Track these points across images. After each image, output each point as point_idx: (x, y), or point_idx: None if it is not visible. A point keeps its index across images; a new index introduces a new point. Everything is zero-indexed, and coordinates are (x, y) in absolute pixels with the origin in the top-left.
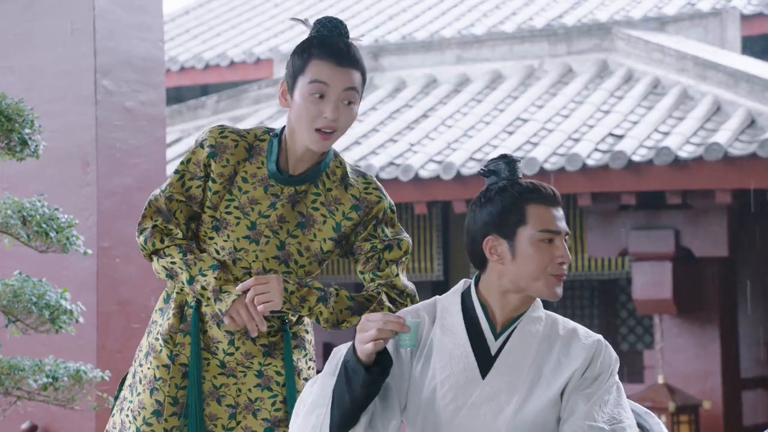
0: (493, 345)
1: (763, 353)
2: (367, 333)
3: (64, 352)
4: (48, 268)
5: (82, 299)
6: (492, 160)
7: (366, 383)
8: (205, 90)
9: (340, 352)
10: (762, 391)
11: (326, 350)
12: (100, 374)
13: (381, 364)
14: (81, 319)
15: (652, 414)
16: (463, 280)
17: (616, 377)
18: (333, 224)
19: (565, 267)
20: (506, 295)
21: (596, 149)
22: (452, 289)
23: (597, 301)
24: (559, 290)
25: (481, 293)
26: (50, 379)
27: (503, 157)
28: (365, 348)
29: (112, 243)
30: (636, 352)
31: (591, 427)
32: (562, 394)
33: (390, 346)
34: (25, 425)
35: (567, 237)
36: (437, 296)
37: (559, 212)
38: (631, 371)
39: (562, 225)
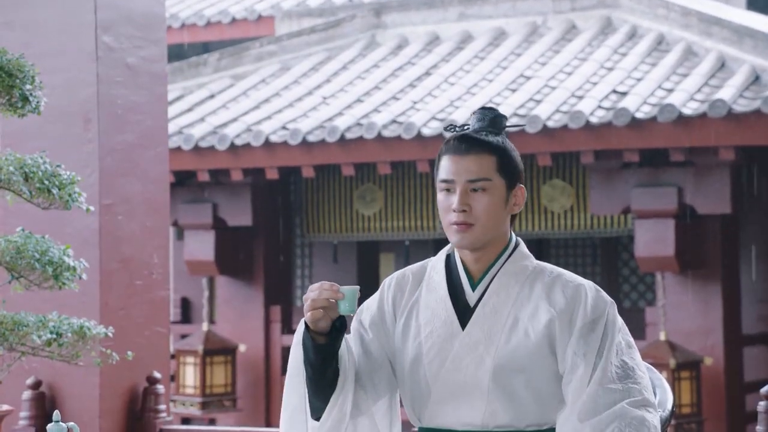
0: (472, 297)
1: (765, 310)
2: (306, 303)
3: (68, 308)
4: (50, 225)
5: (85, 256)
6: (471, 115)
7: (317, 350)
8: (206, 47)
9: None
10: (763, 348)
11: None
12: (104, 330)
13: (338, 328)
14: (84, 276)
15: (654, 369)
16: None
17: (619, 322)
18: None
19: (460, 216)
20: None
21: (600, 106)
22: (442, 249)
23: (599, 258)
24: (458, 238)
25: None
26: (54, 335)
27: (478, 110)
28: (307, 317)
29: (114, 200)
30: (638, 309)
31: (606, 390)
32: (555, 347)
33: (375, 317)
34: (29, 381)
35: (478, 184)
36: (431, 258)
37: (465, 160)
38: (633, 328)
39: (460, 174)
